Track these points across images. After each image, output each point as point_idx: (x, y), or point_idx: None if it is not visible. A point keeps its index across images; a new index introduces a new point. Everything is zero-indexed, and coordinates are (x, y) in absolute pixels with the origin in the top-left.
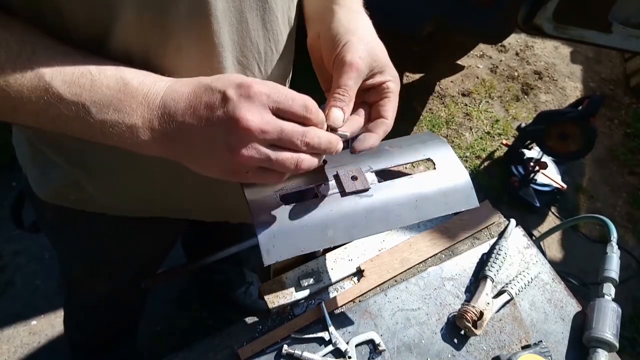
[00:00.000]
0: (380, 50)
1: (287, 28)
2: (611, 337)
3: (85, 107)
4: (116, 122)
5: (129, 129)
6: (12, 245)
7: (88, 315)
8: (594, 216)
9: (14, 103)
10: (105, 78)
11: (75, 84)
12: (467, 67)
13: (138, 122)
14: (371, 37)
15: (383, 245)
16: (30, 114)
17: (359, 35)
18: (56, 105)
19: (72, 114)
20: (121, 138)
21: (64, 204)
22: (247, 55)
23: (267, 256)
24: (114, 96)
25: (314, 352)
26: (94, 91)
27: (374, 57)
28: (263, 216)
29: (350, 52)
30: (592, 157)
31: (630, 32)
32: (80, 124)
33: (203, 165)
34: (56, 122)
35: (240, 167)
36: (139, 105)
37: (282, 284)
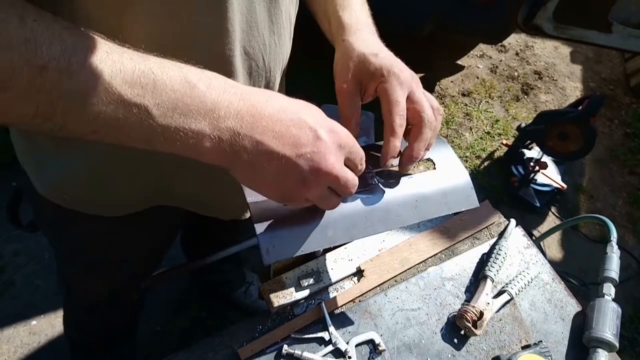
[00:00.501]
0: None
1: (288, 24)
2: (611, 337)
3: (147, 110)
4: (181, 127)
5: (195, 135)
6: (12, 245)
7: (88, 314)
8: (594, 216)
9: (66, 107)
10: (169, 79)
11: (137, 84)
12: (467, 67)
13: (206, 129)
14: (402, 65)
15: (383, 245)
16: (84, 120)
17: (397, 68)
18: (115, 108)
19: (132, 118)
20: (184, 145)
21: (60, 203)
22: (254, 45)
23: (267, 256)
24: (179, 99)
25: (314, 352)
26: (157, 93)
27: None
28: (263, 216)
29: (395, 92)
30: (592, 157)
31: (630, 32)
32: (140, 128)
33: (263, 185)
34: (113, 127)
35: (301, 200)
36: (208, 113)
37: (282, 284)
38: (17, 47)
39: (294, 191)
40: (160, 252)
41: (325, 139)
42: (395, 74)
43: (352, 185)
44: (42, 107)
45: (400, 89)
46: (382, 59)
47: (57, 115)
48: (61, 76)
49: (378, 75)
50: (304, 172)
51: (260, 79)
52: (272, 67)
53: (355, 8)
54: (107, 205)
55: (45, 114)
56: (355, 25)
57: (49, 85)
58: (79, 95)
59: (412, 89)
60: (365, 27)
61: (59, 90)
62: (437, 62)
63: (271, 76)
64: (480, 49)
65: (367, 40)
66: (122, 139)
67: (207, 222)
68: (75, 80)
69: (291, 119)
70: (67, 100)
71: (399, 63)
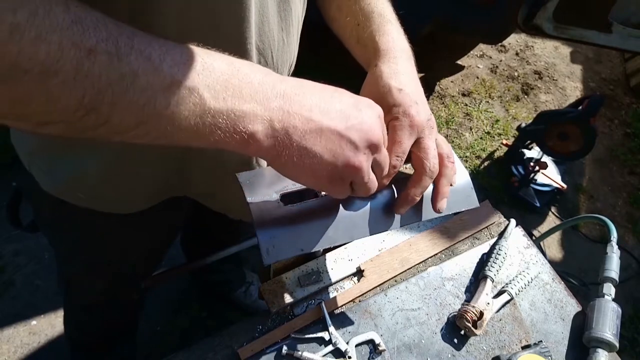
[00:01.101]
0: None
1: (297, 22)
2: (611, 337)
3: (199, 91)
4: (233, 109)
5: (247, 117)
6: (12, 245)
7: (88, 314)
8: (594, 216)
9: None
10: (214, 60)
11: (185, 65)
12: (467, 67)
13: (257, 109)
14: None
15: (383, 245)
16: (133, 108)
17: (415, 110)
18: (165, 92)
19: (183, 103)
20: (234, 132)
21: (71, 201)
22: (264, 41)
23: (267, 256)
24: (228, 80)
25: (314, 352)
26: (206, 73)
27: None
28: (263, 216)
29: (401, 133)
30: (592, 157)
31: (630, 32)
32: (192, 112)
33: (313, 167)
34: (162, 116)
35: (348, 178)
36: (257, 93)
37: (282, 284)
38: (64, 29)
39: (346, 168)
40: (161, 252)
41: (367, 111)
42: (409, 116)
43: (386, 159)
44: (88, 95)
45: (408, 132)
46: (405, 96)
47: (104, 104)
48: (110, 59)
49: (394, 111)
50: (355, 142)
51: None
52: (279, 65)
53: (392, 34)
54: (123, 201)
55: (91, 103)
56: (392, 52)
57: (98, 69)
58: (128, 80)
59: (422, 135)
60: (402, 54)
61: (108, 75)
62: (437, 62)
63: (278, 73)
64: (480, 49)
65: (399, 71)
66: (169, 131)
67: (207, 222)
68: (124, 63)
69: (332, 96)
70: (116, 87)
71: (419, 105)
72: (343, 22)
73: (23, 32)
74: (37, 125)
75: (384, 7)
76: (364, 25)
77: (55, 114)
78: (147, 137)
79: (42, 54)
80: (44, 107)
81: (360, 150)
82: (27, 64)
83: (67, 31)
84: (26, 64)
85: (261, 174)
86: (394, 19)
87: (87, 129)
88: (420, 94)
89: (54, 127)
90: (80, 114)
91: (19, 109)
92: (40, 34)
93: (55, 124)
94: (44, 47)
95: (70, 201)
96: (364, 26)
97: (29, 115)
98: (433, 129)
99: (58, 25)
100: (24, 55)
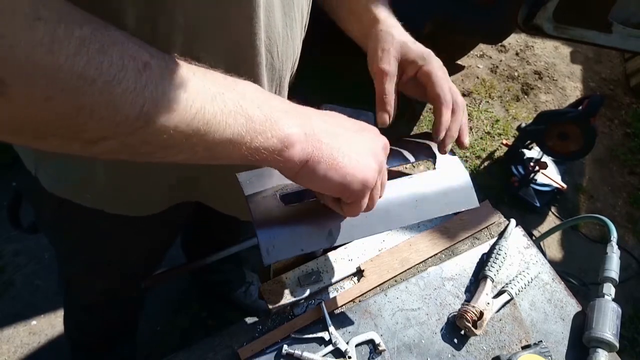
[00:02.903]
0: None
1: (300, 17)
2: (611, 337)
3: (238, 102)
4: (268, 115)
5: (279, 121)
6: (12, 245)
7: (88, 314)
8: (594, 216)
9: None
10: (246, 84)
11: (225, 80)
12: (467, 67)
13: (288, 116)
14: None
15: (383, 245)
16: (186, 116)
17: (434, 57)
18: (212, 101)
19: (228, 108)
20: (265, 137)
21: (78, 202)
22: (270, 36)
23: (267, 256)
24: (259, 97)
25: (314, 352)
26: (239, 90)
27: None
28: (263, 216)
29: (438, 72)
30: (592, 157)
31: (630, 32)
32: (236, 120)
33: (344, 168)
34: (212, 124)
35: (374, 178)
36: (291, 108)
37: (282, 284)
38: (123, 43)
39: (369, 168)
40: (161, 252)
41: (370, 127)
42: (435, 59)
43: None
44: (147, 104)
45: (441, 71)
46: (420, 46)
47: (160, 114)
48: (162, 72)
49: (419, 59)
50: (372, 143)
51: (274, 72)
52: (284, 60)
53: (386, 5)
54: (130, 205)
55: (149, 112)
56: (391, 20)
57: (154, 79)
58: (181, 89)
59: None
60: (398, 24)
61: (163, 85)
62: None
63: (283, 70)
64: (480, 49)
65: (403, 32)
66: (215, 142)
67: (207, 222)
68: (175, 75)
69: (333, 115)
70: (171, 95)
71: (432, 53)
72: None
73: (89, 44)
74: (88, 143)
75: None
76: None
77: (113, 127)
78: (190, 152)
79: (106, 64)
80: (105, 117)
81: (378, 153)
82: (93, 72)
83: (125, 45)
84: (93, 72)
85: (261, 174)
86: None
87: (139, 143)
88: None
89: (106, 144)
90: (138, 124)
91: (81, 119)
92: (103, 46)
93: (109, 140)
94: (107, 59)
95: (77, 202)
96: (357, 1)
97: (87, 129)
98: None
99: (117, 40)
100: (90, 65)
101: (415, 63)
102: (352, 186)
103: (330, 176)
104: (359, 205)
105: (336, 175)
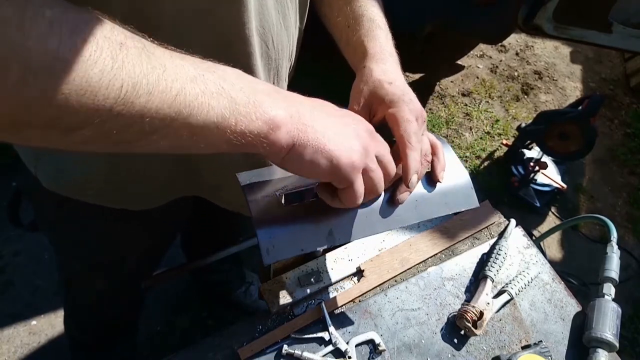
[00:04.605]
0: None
1: (294, 5)
2: (611, 337)
3: (219, 83)
4: (251, 99)
5: (262, 103)
6: (12, 245)
7: (88, 314)
8: (594, 216)
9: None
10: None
11: (203, 64)
12: (467, 67)
13: (272, 99)
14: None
15: (383, 245)
16: (167, 99)
17: (408, 97)
18: (192, 82)
19: (209, 92)
20: (258, 122)
21: (79, 198)
22: (264, 25)
23: (267, 256)
24: (242, 79)
25: (314, 352)
26: (219, 74)
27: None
28: (263, 216)
29: (405, 114)
30: (592, 157)
31: (630, 32)
32: (219, 101)
33: (337, 145)
34: (194, 107)
35: (368, 157)
36: (273, 92)
37: (282, 284)
38: (94, 24)
39: (353, 151)
40: (161, 251)
41: (352, 114)
42: (404, 102)
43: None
44: (126, 85)
45: (409, 113)
46: (395, 87)
47: (140, 96)
48: (139, 52)
49: (387, 101)
50: (355, 126)
51: (271, 62)
52: (279, 49)
53: (381, 39)
54: (133, 197)
55: (128, 95)
56: (380, 55)
57: (131, 60)
58: (159, 70)
59: (417, 119)
60: (390, 57)
61: (141, 65)
62: (437, 62)
63: (279, 59)
64: (480, 49)
65: (388, 70)
66: (198, 126)
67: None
68: (153, 56)
69: (316, 100)
70: (150, 76)
71: (411, 94)
72: (334, 21)
73: (61, 25)
74: (67, 131)
75: (374, 11)
76: (353, 28)
77: (92, 111)
78: (173, 138)
79: (80, 44)
80: (82, 101)
81: (365, 138)
82: (68, 54)
83: (98, 26)
84: (67, 53)
85: (261, 174)
86: (383, 24)
87: (120, 128)
88: (410, 91)
89: (85, 132)
90: (118, 108)
91: (57, 104)
92: (76, 26)
93: (88, 126)
94: (80, 38)
95: (78, 199)
96: (354, 29)
97: (63, 115)
98: (425, 122)
99: (89, 21)
100: (64, 45)
101: (384, 105)
102: (340, 169)
103: (317, 159)
104: (354, 189)
105: (322, 159)
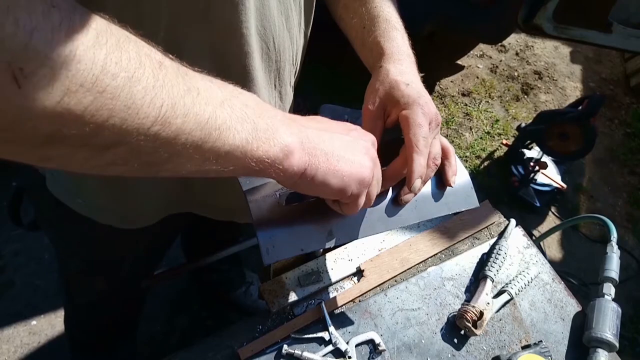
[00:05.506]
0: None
1: (297, 6)
2: (611, 337)
3: (242, 109)
4: (269, 124)
5: (278, 130)
6: (12, 245)
7: (88, 313)
8: (594, 216)
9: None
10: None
11: (226, 88)
12: (467, 67)
13: (284, 125)
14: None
15: (383, 245)
16: (199, 122)
17: (423, 100)
18: (221, 106)
19: (236, 118)
20: (270, 148)
21: (73, 208)
22: (265, 25)
23: (267, 256)
24: (258, 107)
25: (314, 352)
26: (242, 98)
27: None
28: (263, 216)
29: (417, 117)
30: (592, 157)
31: (630, 32)
32: (241, 126)
33: (342, 164)
34: (222, 131)
35: (370, 174)
36: (285, 117)
37: (282, 284)
38: (136, 41)
39: (364, 167)
40: (161, 252)
41: (355, 127)
42: (419, 104)
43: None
44: (165, 105)
45: (422, 116)
46: (411, 89)
47: (177, 117)
48: (176, 73)
49: (403, 103)
50: (362, 141)
51: (271, 63)
52: (280, 51)
53: (397, 39)
54: (124, 215)
55: (167, 114)
56: (397, 55)
57: (170, 80)
58: (194, 93)
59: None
60: (407, 58)
61: (178, 86)
62: (437, 62)
63: (281, 61)
64: (480, 49)
65: (404, 71)
66: (225, 150)
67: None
68: (188, 78)
69: (319, 119)
70: (186, 98)
71: (427, 97)
72: (349, 23)
73: (107, 38)
74: (99, 149)
75: (390, 11)
76: (369, 29)
77: (131, 129)
78: (199, 161)
79: (125, 60)
80: (124, 118)
81: (370, 149)
82: (114, 68)
83: (138, 42)
84: (114, 68)
85: None
86: (399, 25)
87: (152, 150)
88: (426, 93)
89: (117, 151)
90: (156, 128)
91: (98, 120)
92: (119, 40)
93: (122, 145)
94: (125, 54)
95: (70, 206)
96: (370, 30)
97: (101, 132)
98: (439, 126)
99: (130, 37)
100: (110, 59)
101: (399, 106)
102: (350, 187)
103: (329, 181)
104: (357, 203)
105: (334, 180)
